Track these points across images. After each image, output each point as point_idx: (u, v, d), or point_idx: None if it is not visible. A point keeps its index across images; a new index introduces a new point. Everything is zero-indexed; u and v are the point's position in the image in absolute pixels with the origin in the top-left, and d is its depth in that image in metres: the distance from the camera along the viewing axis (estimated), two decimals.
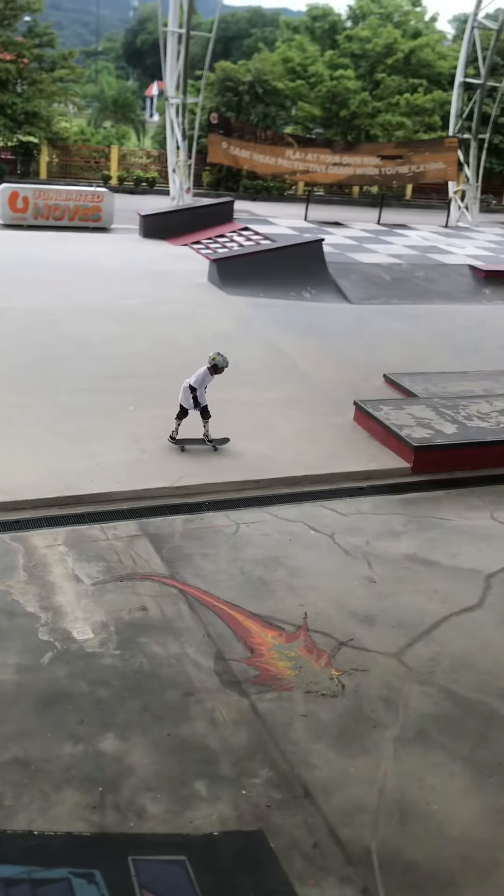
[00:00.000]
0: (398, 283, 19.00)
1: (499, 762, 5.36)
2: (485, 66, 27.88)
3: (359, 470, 9.43)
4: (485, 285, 19.89)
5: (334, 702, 5.74)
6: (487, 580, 7.53)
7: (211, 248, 20.95)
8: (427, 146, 28.72)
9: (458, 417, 10.45)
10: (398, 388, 11.96)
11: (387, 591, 7.18)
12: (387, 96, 41.32)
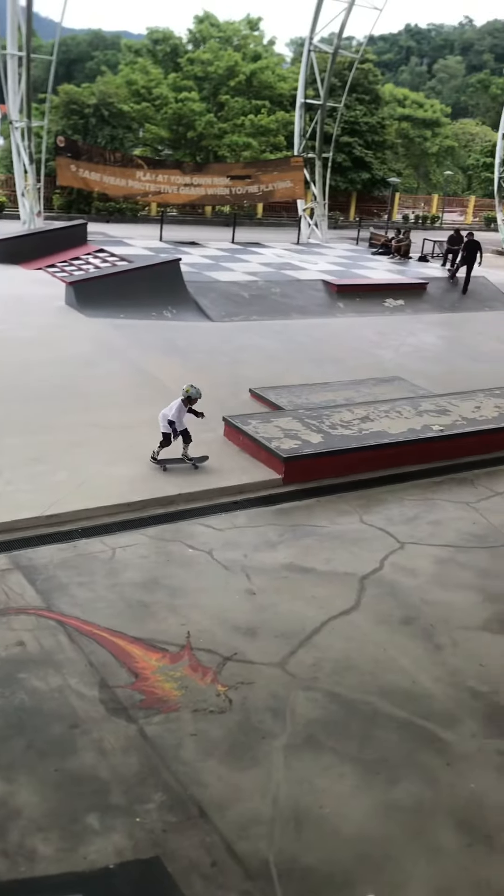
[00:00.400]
0: (256, 300, 19.34)
1: (385, 759, 5.51)
2: (323, 88, 28.91)
3: (232, 484, 9.50)
4: (338, 299, 20.56)
5: (222, 717, 5.75)
6: (361, 582, 7.75)
7: (66, 270, 20.62)
8: (274, 165, 29.43)
9: (322, 427, 10.74)
10: (264, 402, 12.16)
11: (267, 602, 7.26)
12: (232, 117, 42.15)
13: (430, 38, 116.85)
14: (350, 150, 44.11)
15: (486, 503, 9.88)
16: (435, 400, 12.43)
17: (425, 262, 27.09)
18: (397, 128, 52.63)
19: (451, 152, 59.05)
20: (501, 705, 6.18)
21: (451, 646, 6.89)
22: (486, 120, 70.90)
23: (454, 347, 17.44)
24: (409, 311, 20.78)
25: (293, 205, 32.95)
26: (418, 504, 9.70)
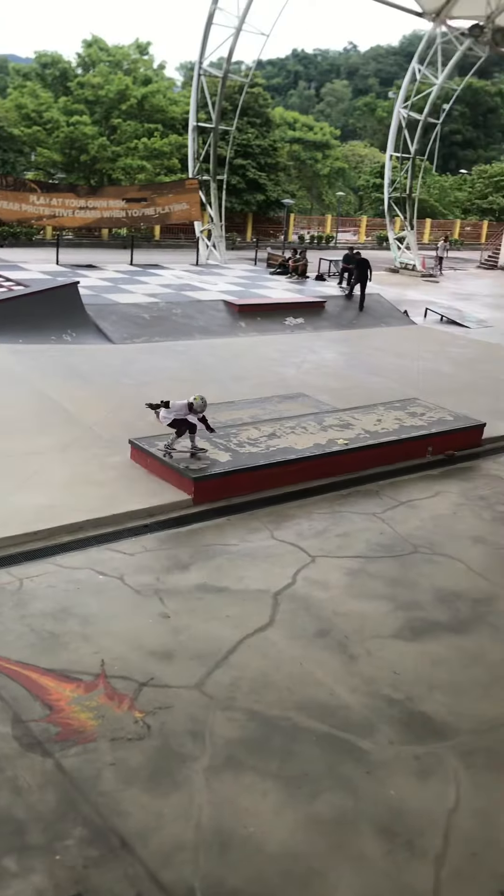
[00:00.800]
0: (158, 321, 19.32)
1: (306, 773, 5.53)
2: (215, 112, 29.27)
3: (141, 508, 9.41)
4: (239, 318, 20.75)
5: (141, 744, 5.66)
6: (275, 598, 7.79)
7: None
8: (169, 188, 29.55)
9: (230, 445, 10.78)
10: None
11: (182, 625, 7.21)
12: (125, 141, 42.17)
13: (317, 62, 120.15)
14: (244, 173, 44.77)
15: (392, 513, 10.11)
16: (338, 415, 12.67)
17: (322, 281, 27.66)
18: (289, 150, 53.81)
19: (342, 174, 60.76)
20: (416, 711, 6.30)
21: (365, 656, 6.99)
22: (374, 142, 73.36)
23: (354, 363, 17.83)
24: (309, 329, 21.16)
25: (190, 226, 33.15)
26: (327, 517, 9.83)
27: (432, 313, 24.77)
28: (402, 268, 36.21)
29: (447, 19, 31.64)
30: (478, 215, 62.74)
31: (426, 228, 54.69)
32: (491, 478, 11.70)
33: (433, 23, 31.84)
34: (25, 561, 8.12)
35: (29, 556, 8.21)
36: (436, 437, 12.25)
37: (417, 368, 17.55)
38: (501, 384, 16.76)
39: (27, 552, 8.29)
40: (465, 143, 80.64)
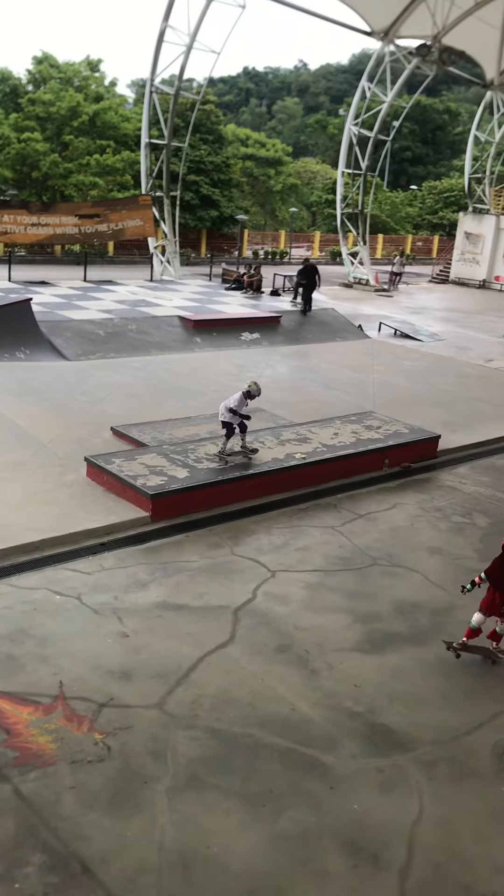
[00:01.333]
0: (113, 337, 19.22)
1: (269, 790, 5.50)
2: (167, 128, 29.34)
3: (98, 526, 9.32)
4: (195, 334, 20.75)
5: (102, 766, 5.57)
6: (235, 614, 7.76)
7: None
8: (123, 204, 29.50)
9: (188, 461, 10.74)
10: (128, 440, 12.05)
11: (141, 643, 7.14)
12: (77, 157, 42.04)
13: (268, 80, 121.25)
14: (197, 189, 44.94)
15: (350, 526, 10.16)
16: (295, 429, 12.71)
17: (277, 296, 27.83)
18: (242, 167, 54.13)
19: (295, 190, 61.28)
20: (377, 724, 6.32)
21: (326, 669, 6.99)
22: (326, 158, 74.19)
23: (310, 377, 17.94)
24: (265, 344, 21.24)
25: (144, 242, 33.10)
26: (286, 532, 9.84)
27: (386, 327, 25.05)
28: (355, 283, 36.59)
29: (395, 38, 32.20)
30: (429, 230, 63.75)
31: (379, 244, 55.37)
32: (446, 489, 11.83)
33: (382, 42, 32.39)
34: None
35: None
36: (392, 449, 12.36)
37: (373, 382, 17.72)
38: (454, 396, 17.00)
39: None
40: (415, 159, 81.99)
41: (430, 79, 34.79)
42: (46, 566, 8.43)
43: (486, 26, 32.61)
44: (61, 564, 8.49)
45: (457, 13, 30.73)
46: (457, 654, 7.22)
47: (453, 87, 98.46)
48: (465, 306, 33.06)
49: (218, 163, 46.83)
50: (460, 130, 79.57)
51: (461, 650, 7.24)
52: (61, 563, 8.51)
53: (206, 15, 26.51)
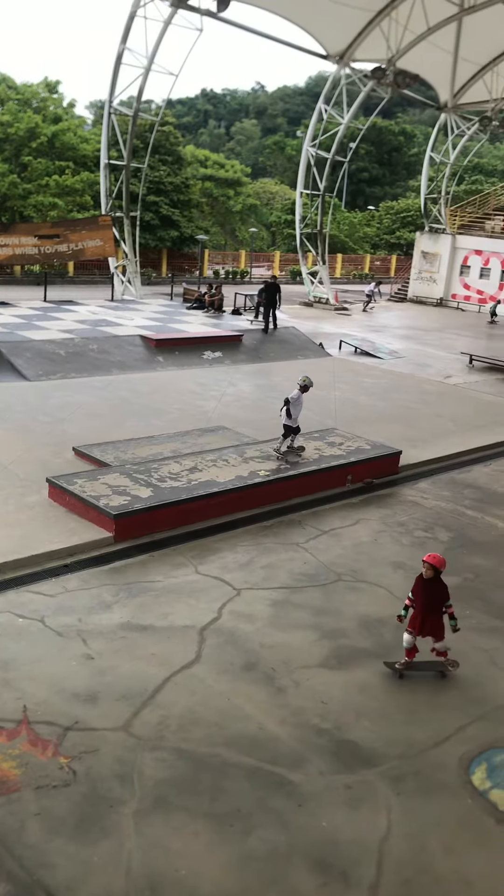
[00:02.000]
0: (74, 357, 19.13)
1: (237, 809, 5.46)
2: (126, 150, 29.41)
3: (61, 547, 9.22)
4: (157, 353, 20.74)
5: (67, 791, 5.49)
6: (201, 633, 7.72)
7: None
8: (83, 225, 29.43)
9: (151, 481, 10.70)
10: (90, 460, 11.97)
11: (106, 665, 7.06)
12: (36, 178, 41.94)
13: (226, 102, 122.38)
14: (157, 209, 45.06)
15: (315, 542, 10.19)
16: (259, 446, 12.74)
17: (239, 315, 27.94)
18: (201, 187, 54.44)
19: (254, 210, 61.76)
20: (345, 740, 6.32)
21: (293, 687, 6.98)
22: (284, 179, 74.96)
23: (272, 394, 17.99)
24: (228, 362, 21.30)
25: (105, 262, 33.08)
26: (251, 549, 9.84)
27: (346, 345, 25.28)
28: (315, 301, 36.91)
29: (351, 62, 32.74)
30: (386, 250, 64.64)
31: (338, 263, 56.00)
32: (409, 504, 11.93)
33: (337, 65, 32.90)
34: None
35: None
36: (354, 465, 12.45)
37: (334, 399, 17.85)
38: (415, 413, 17.19)
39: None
40: (372, 180, 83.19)
41: (386, 101, 35.39)
42: (9, 589, 8.31)
43: (439, 50, 33.35)
44: (24, 587, 8.39)
45: (410, 37, 31.37)
46: (399, 675, 7.22)
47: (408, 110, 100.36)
48: (424, 324, 33.52)
49: (177, 183, 47.04)
50: (416, 152, 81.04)
51: (405, 670, 7.23)
52: (24, 586, 8.40)
53: (163, 38, 26.69)
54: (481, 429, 16.33)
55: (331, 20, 30.07)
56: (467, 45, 33.76)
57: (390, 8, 30.02)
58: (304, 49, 31.66)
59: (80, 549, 9.31)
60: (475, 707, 6.92)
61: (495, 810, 5.68)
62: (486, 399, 19.36)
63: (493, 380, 22.13)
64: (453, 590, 9.13)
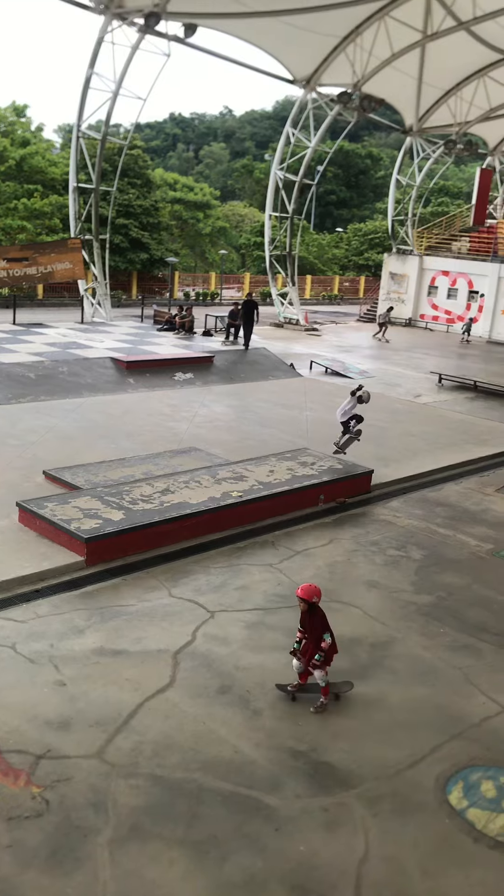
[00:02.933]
0: (44, 380, 19.02)
1: (213, 835, 5.39)
2: (95, 173, 29.49)
3: (32, 572, 9.11)
4: (128, 375, 20.70)
5: (40, 821, 5.39)
6: (175, 657, 7.66)
7: None
8: (52, 247, 29.40)
9: (123, 503, 10.63)
10: (61, 483, 11.87)
11: (78, 692, 6.97)
12: (4, 202, 41.90)
13: (195, 126, 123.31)
14: (126, 232, 45.17)
15: (288, 563, 10.17)
16: (231, 467, 12.73)
17: (209, 337, 28.02)
18: (171, 210, 54.69)
19: (224, 232, 62.12)
20: (321, 761, 6.28)
21: (268, 709, 6.94)
22: (253, 202, 75.57)
23: (244, 415, 18.04)
24: (199, 384, 21.31)
25: (75, 285, 33.02)
26: (224, 571, 9.79)
27: (317, 365, 25.42)
28: (286, 322, 37.12)
29: (317, 86, 33.19)
30: (355, 271, 65.31)
31: (307, 284, 56.42)
32: (381, 523, 11.97)
33: (304, 90, 33.33)
34: None
35: None
36: (327, 485, 12.48)
37: (306, 419, 17.91)
38: (385, 432, 17.29)
39: None
40: (340, 202, 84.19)
41: (352, 125, 35.91)
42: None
43: (403, 75, 33.94)
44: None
45: (375, 63, 31.91)
46: (292, 697, 7.14)
47: (375, 133, 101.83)
48: (393, 344, 33.82)
49: (146, 206, 47.24)
50: (382, 174, 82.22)
51: (297, 692, 7.16)
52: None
53: (131, 62, 26.89)
54: (452, 447, 16.47)
55: (297, 46, 30.51)
56: (431, 71, 34.41)
57: (355, 34, 30.54)
58: (271, 74, 32.09)
59: (51, 574, 9.21)
60: (451, 725, 6.92)
61: (472, 829, 5.67)
62: (455, 417, 19.54)
63: (462, 398, 22.36)
64: (427, 608, 9.20)
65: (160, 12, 24.89)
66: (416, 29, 30.39)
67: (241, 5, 26.69)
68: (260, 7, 27.19)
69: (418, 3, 29.23)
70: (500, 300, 38.73)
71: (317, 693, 7.12)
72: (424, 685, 7.56)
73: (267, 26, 28.50)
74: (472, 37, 32.02)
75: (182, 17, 26.13)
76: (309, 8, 27.81)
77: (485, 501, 13.37)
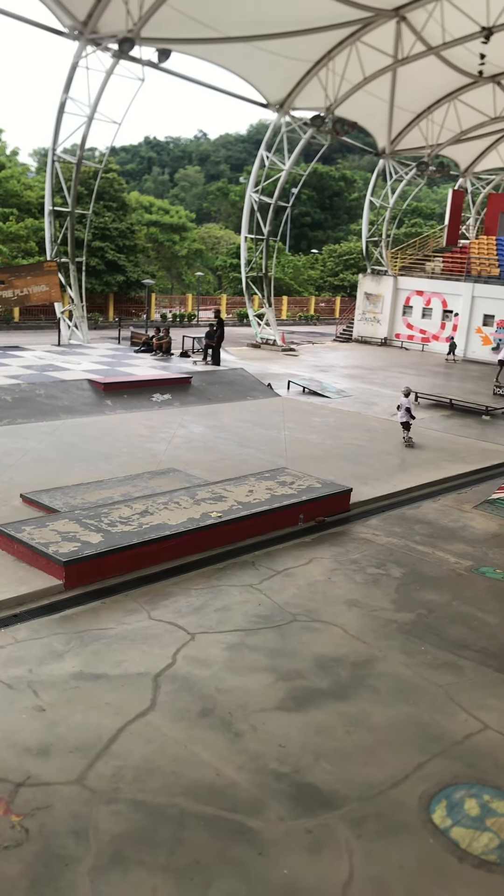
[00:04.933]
0: (21, 403, 18.94)
1: (197, 861, 5.33)
2: (70, 196, 29.59)
3: (9, 597, 9.01)
4: (106, 397, 20.66)
5: (19, 851, 5.29)
6: (156, 680, 7.59)
7: None
8: (28, 270, 29.39)
9: (101, 526, 10.56)
10: (38, 506, 11.78)
11: (58, 717, 6.88)
12: None
13: (169, 149, 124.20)
14: (103, 255, 45.30)
15: (269, 583, 10.14)
16: (210, 487, 12.70)
17: (187, 358, 28.07)
18: (147, 233, 54.94)
19: (200, 255, 62.48)
20: (304, 783, 6.23)
21: (250, 731, 6.88)
22: (229, 224, 76.13)
23: (223, 435, 18.04)
24: (177, 404, 21.31)
25: (51, 307, 33.00)
26: (204, 592, 9.74)
27: (295, 385, 25.52)
28: (263, 343, 37.28)
29: (291, 110, 33.58)
30: (330, 292, 65.84)
31: (283, 305, 56.78)
32: (360, 541, 11.99)
33: (278, 113, 33.70)
34: None
35: None
36: (306, 504, 12.48)
37: (284, 438, 17.95)
38: (363, 450, 17.36)
39: None
40: (315, 224, 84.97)
41: (326, 148, 36.31)
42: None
43: (375, 99, 34.46)
44: None
45: (347, 87, 32.38)
46: None
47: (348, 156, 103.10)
48: (369, 363, 34.06)
49: (122, 229, 47.41)
50: (356, 196, 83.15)
51: None
52: None
53: (106, 87, 27.07)
54: (429, 465, 16.56)
55: (270, 70, 30.90)
56: (402, 94, 34.97)
57: (327, 59, 30.98)
58: (244, 98, 32.42)
59: (29, 598, 9.12)
60: (433, 744, 6.90)
61: (457, 848, 5.64)
62: (432, 435, 19.67)
63: (438, 416, 22.52)
64: (408, 626, 9.20)
65: (134, 38, 25.12)
66: (387, 54, 30.90)
67: (214, 31, 27.01)
68: (233, 32, 27.54)
69: (389, 28, 29.76)
70: (473, 319, 39.18)
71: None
72: (406, 703, 7.54)
73: (240, 51, 28.85)
74: (442, 61, 32.62)
75: (156, 42, 26.38)
76: (281, 34, 28.21)
77: (463, 518, 13.44)
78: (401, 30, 29.96)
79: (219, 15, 26.33)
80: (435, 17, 28.54)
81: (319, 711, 7.29)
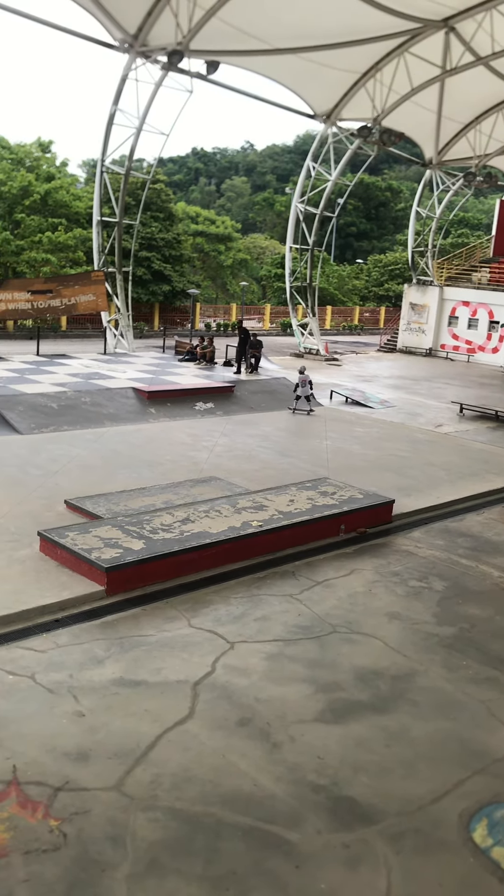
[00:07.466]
0: (66, 410, 19.18)
1: (233, 871, 5.31)
2: (118, 207, 29.95)
3: (52, 602, 9.11)
4: (149, 405, 20.82)
5: (57, 855, 5.33)
6: (194, 689, 7.60)
7: None
8: (75, 280, 29.80)
9: (143, 532, 10.63)
10: (82, 513, 11.90)
11: (98, 723, 6.92)
12: (29, 235, 42.56)
13: (216, 160, 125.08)
14: (149, 264, 45.74)
15: (309, 593, 10.10)
16: (251, 496, 12.71)
17: (230, 367, 28.14)
18: (192, 243, 55.36)
19: (245, 264, 62.73)
20: (342, 796, 6.17)
21: (288, 742, 6.85)
22: (274, 234, 76.34)
23: (264, 444, 18.04)
24: (220, 413, 21.38)
25: (98, 316, 33.39)
26: (244, 601, 9.74)
27: (337, 395, 25.43)
28: (306, 352, 37.24)
29: (338, 121, 33.58)
30: (375, 302, 65.56)
31: (328, 315, 56.70)
32: (402, 553, 11.88)
33: (325, 124, 33.73)
34: None
35: None
36: (347, 515, 12.41)
37: (326, 448, 17.88)
38: (406, 461, 17.22)
39: None
40: (360, 234, 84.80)
41: (372, 158, 36.25)
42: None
43: (423, 109, 34.27)
44: (14, 643, 8.26)
45: (395, 98, 32.26)
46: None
47: (394, 166, 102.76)
48: (413, 374, 33.80)
49: (169, 239, 47.83)
50: (402, 206, 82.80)
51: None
52: (14, 642, 8.28)
53: (154, 99, 27.38)
54: (473, 477, 16.36)
55: (318, 81, 30.94)
56: (450, 105, 34.73)
57: (375, 70, 30.93)
58: (292, 109, 32.50)
59: (71, 604, 9.20)
60: (475, 760, 6.79)
61: (498, 869, 5.53)
62: (477, 447, 19.43)
63: (483, 428, 22.25)
64: (450, 640, 9.08)
65: (183, 50, 25.37)
66: (435, 64, 30.73)
67: (263, 43, 27.16)
68: (280, 44, 27.65)
69: (437, 39, 29.60)
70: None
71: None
72: (447, 718, 7.44)
73: (287, 63, 28.95)
74: (491, 71, 32.32)
75: (204, 54, 26.60)
76: (328, 45, 28.24)
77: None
78: (449, 40, 29.77)
79: (267, 27, 26.47)
80: (484, 27, 28.31)
81: (358, 724, 7.22)
